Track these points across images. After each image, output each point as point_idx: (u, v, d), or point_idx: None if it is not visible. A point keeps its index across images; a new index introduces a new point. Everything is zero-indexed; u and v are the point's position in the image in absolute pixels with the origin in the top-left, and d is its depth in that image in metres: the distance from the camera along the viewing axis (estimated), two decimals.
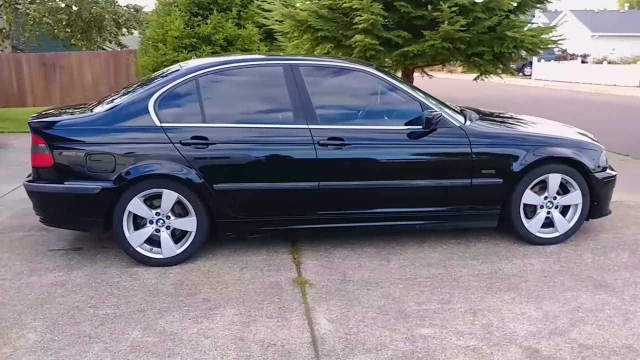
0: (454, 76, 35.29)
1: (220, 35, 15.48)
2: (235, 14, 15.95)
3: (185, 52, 15.24)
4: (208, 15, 16.01)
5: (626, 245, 4.23)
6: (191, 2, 15.96)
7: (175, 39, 15.60)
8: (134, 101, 3.88)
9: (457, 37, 6.82)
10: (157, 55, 15.48)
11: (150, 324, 3.13)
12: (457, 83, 27.04)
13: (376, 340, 2.92)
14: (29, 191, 3.92)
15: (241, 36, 15.57)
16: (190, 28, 15.73)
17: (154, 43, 15.57)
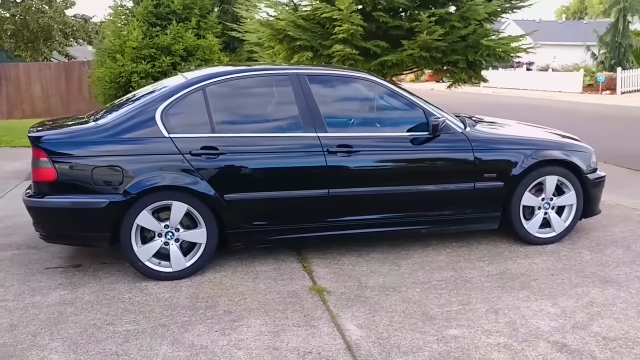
0: (405, 85, 36.01)
1: (181, 46, 15.27)
2: (195, 25, 15.81)
3: (144, 63, 15.00)
4: (167, 26, 15.80)
5: (618, 242, 4.45)
6: (149, 12, 15.70)
7: (134, 50, 15.29)
8: (141, 112, 3.80)
9: (434, 46, 7.02)
10: (115, 66, 15.08)
11: (177, 338, 3.06)
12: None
13: (410, 344, 2.96)
14: (30, 207, 3.77)
15: (201, 47, 15.44)
16: (149, 39, 15.50)
17: (111, 54, 15.21)
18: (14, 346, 3.01)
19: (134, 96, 4.38)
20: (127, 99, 4.33)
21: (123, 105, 4.10)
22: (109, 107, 4.38)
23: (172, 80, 4.30)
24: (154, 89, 4.30)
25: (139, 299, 3.56)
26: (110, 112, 4.08)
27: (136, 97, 4.21)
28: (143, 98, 4.06)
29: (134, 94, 4.53)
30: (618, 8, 26.26)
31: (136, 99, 4.13)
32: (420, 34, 6.89)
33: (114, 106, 4.28)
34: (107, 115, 3.99)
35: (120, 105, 4.20)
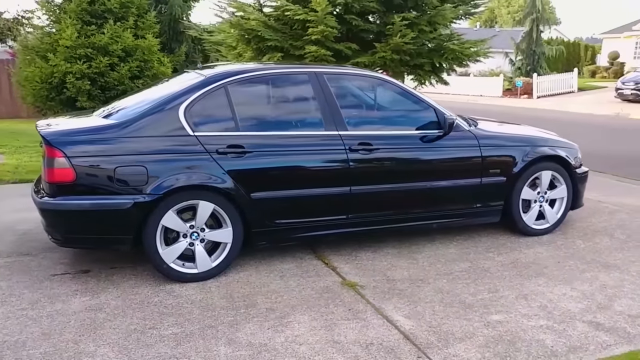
0: None
1: (118, 46, 14.67)
2: (132, 24, 15.25)
3: (80, 62, 14.27)
4: (103, 24, 15.12)
5: (601, 231, 4.84)
6: (83, 9, 14.96)
7: (67, 49, 14.53)
8: (161, 109, 3.69)
9: (405, 49, 7.25)
10: (46, 66, 14.27)
11: (230, 338, 3.02)
12: None
13: (461, 330, 3.10)
14: (45, 209, 3.56)
15: (140, 47, 14.93)
16: (84, 37, 14.76)
17: (40, 52, 14.37)
18: (59, 354, 2.85)
19: (140, 93, 4.24)
20: (135, 96, 4.18)
21: (134, 103, 3.96)
22: (115, 103, 4.20)
23: (184, 77, 4.20)
24: (165, 85, 4.19)
25: (170, 302, 3.47)
26: (122, 109, 3.93)
27: (146, 94, 4.08)
28: (156, 94, 3.94)
29: (138, 91, 4.39)
30: (531, 18, 28.10)
31: (148, 95, 4.01)
32: (393, 36, 7.10)
33: (121, 103, 4.12)
34: (120, 112, 3.84)
35: (129, 102, 4.04)
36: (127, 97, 4.38)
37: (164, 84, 4.39)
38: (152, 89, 4.30)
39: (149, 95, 4.05)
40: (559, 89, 26.10)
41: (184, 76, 4.24)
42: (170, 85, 4.15)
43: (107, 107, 4.20)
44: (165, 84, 4.29)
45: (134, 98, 4.18)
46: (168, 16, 16.74)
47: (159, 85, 4.41)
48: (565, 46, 33.60)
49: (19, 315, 3.28)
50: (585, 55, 39.38)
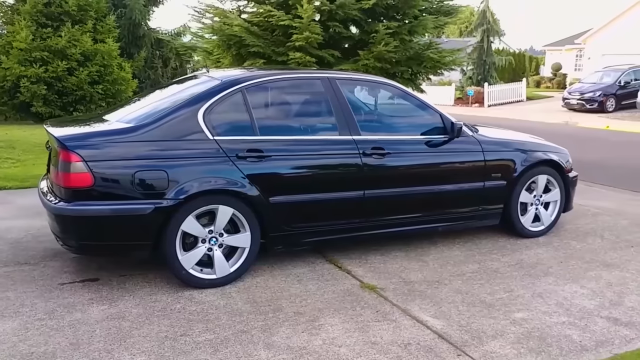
0: None
1: (77, 50, 14.26)
2: (91, 27, 14.83)
3: (36, 66, 13.75)
4: (59, 27, 14.62)
5: (590, 233, 5.08)
6: (38, 11, 14.47)
7: (22, 52, 13.98)
8: (181, 113, 3.64)
9: (387, 57, 7.39)
10: None
11: (268, 342, 3.00)
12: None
13: (490, 328, 3.20)
14: (61, 215, 3.43)
15: (100, 51, 14.52)
16: (40, 40, 14.23)
17: None
18: None
19: (149, 96, 4.16)
20: (144, 100, 4.10)
21: (147, 106, 3.88)
22: (125, 106, 4.11)
23: (194, 81, 4.15)
24: (175, 88, 4.13)
25: (194, 308, 3.41)
26: (135, 112, 3.86)
27: (157, 98, 4.01)
28: (170, 98, 3.89)
29: (144, 94, 4.30)
30: (482, 29, 29.09)
31: (160, 99, 3.94)
32: (377, 44, 7.23)
33: (132, 106, 4.03)
34: (136, 115, 3.76)
35: (141, 105, 3.96)
36: (135, 101, 4.29)
37: (172, 87, 4.32)
38: (161, 92, 4.23)
39: (161, 98, 3.99)
40: (509, 98, 27.10)
41: (194, 80, 4.18)
42: (181, 88, 4.10)
43: (116, 110, 4.10)
44: (175, 88, 4.23)
45: (144, 101, 4.10)
46: (127, 20, 16.40)
47: (167, 88, 4.34)
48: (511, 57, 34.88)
49: (38, 325, 3.15)
50: (530, 66, 41.08)
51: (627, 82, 22.37)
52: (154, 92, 4.38)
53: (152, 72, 16.43)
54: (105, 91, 14.49)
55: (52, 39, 14.18)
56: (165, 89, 4.37)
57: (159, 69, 16.57)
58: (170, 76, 16.98)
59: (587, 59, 31.59)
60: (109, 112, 4.13)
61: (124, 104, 4.29)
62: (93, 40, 14.59)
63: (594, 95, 21.96)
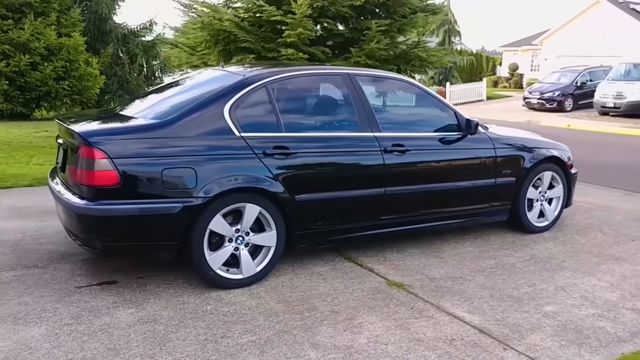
0: None
1: (41, 43, 13.72)
2: (55, 20, 14.29)
3: None
4: (21, 19, 14.02)
5: (590, 227, 5.24)
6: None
7: None
8: (206, 109, 3.54)
9: (378, 55, 7.42)
10: None
11: (313, 342, 2.96)
12: None
13: (526, 322, 3.25)
14: (85, 215, 3.28)
15: (65, 45, 14.01)
16: (0, 32, 13.61)
17: None
18: None
19: (165, 92, 4.05)
20: (161, 95, 3.97)
21: (167, 101, 3.77)
22: (139, 102, 3.97)
23: (212, 75, 4.06)
24: (192, 83, 4.04)
25: (226, 309, 3.33)
26: (154, 107, 3.75)
27: (176, 92, 3.91)
28: (191, 93, 3.80)
29: (157, 90, 4.17)
30: (444, 29, 29.63)
31: (179, 94, 3.84)
32: (369, 42, 7.24)
33: (149, 101, 3.91)
34: (157, 110, 3.65)
35: (159, 100, 3.85)
36: (146, 96, 4.16)
37: (186, 82, 4.21)
38: (176, 88, 4.12)
39: (179, 94, 3.89)
40: (470, 97, 27.66)
41: (210, 75, 4.09)
42: (198, 84, 4.00)
43: (130, 105, 3.97)
44: (190, 83, 4.12)
45: (159, 97, 3.99)
46: (93, 14, 15.89)
47: (182, 84, 4.22)
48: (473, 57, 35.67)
49: (68, 331, 3.01)
50: (487, 66, 42.05)
51: (584, 82, 23.19)
52: (166, 88, 4.25)
53: (119, 69, 15.97)
54: (72, 87, 14.01)
55: (13, 32, 13.59)
56: (179, 84, 4.26)
57: (127, 66, 16.11)
58: (137, 73, 16.55)
59: (543, 59, 32.59)
60: (123, 107, 3.99)
61: (135, 99, 4.15)
62: (57, 34, 14.06)
63: (553, 95, 22.69)
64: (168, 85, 4.38)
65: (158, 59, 18.04)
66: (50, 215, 5.17)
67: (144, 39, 17.58)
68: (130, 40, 17.12)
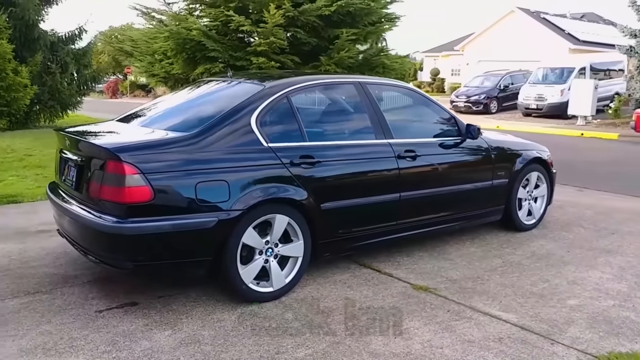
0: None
1: None
2: None
3: None
4: None
5: (571, 224, 5.55)
6: None
7: None
8: (234, 120, 3.45)
9: (346, 63, 7.49)
10: None
11: (370, 351, 2.95)
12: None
13: (558, 316, 3.40)
14: (116, 235, 3.09)
15: None
16: None
17: None
18: None
19: (178, 103, 3.92)
20: (173, 106, 3.84)
21: (185, 112, 3.65)
22: (151, 114, 3.81)
23: (228, 85, 3.97)
24: (205, 93, 3.92)
25: (267, 324, 3.24)
26: (173, 118, 3.62)
27: (191, 103, 3.80)
28: (209, 104, 3.70)
29: (164, 100, 4.02)
30: None
31: (197, 105, 3.74)
32: (337, 51, 7.30)
33: (160, 113, 3.77)
34: (179, 122, 3.53)
35: (174, 112, 3.71)
36: (153, 108, 4.00)
37: (194, 92, 4.09)
38: (186, 98, 4.00)
39: (197, 104, 3.79)
40: None
41: (224, 84, 3.99)
42: (213, 93, 3.91)
43: (135, 117, 3.80)
44: (201, 92, 4.01)
45: (173, 108, 3.86)
46: (19, 21, 14.88)
47: (190, 94, 4.09)
48: None
49: (110, 358, 2.82)
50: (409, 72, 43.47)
51: (506, 85, 24.53)
52: (174, 97, 4.11)
53: (50, 78, 15.06)
54: None
55: None
56: (185, 95, 4.12)
57: (58, 75, 15.23)
58: (69, 82, 15.70)
59: (465, 64, 34.13)
60: (125, 118, 3.83)
61: (133, 111, 3.99)
62: None
63: (479, 98, 23.85)
64: (171, 96, 4.22)
65: (90, 68, 17.22)
66: (27, 236, 4.86)
67: (73, 46, 16.71)
68: (60, 48, 16.21)
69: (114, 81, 47.11)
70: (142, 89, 47.97)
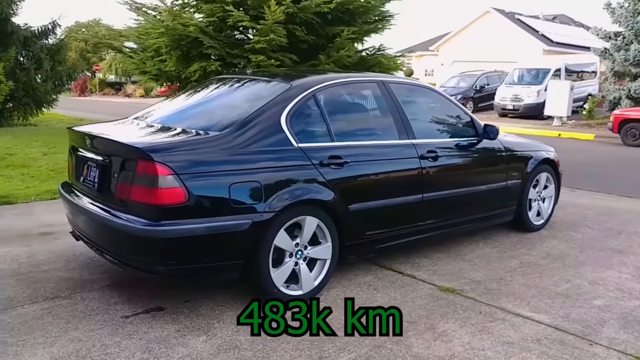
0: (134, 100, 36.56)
1: None
2: None
3: None
4: None
5: (576, 224, 5.63)
6: None
7: None
8: (263, 119, 3.37)
9: (345, 61, 7.45)
10: None
11: (414, 354, 2.92)
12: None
13: (589, 317, 3.42)
14: (146, 237, 2.97)
15: None
16: None
17: None
18: None
19: (197, 102, 3.83)
20: (191, 104, 3.77)
21: (210, 112, 3.57)
22: (170, 111, 3.72)
23: (242, 83, 3.90)
24: (223, 92, 3.86)
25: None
26: (195, 117, 3.54)
27: (212, 102, 3.73)
28: (232, 102, 3.65)
29: (178, 99, 3.94)
30: None
31: (219, 103, 3.68)
32: (337, 49, 7.25)
33: (178, 111, 3.69)
34: (200, 121, 3.46)
35: (197, 111, 3.63)
36: (171, 105, 3.91)
37: (214, 90, 4.00)
38: (208, 96, 3.91)
39: (221, 103, 3.70)
40: None
41: (244, 82, 3.91)
42: (234, 91, 3.83)
43: (160, 116, 3.69)
44: (221, 90, 3.93)
45: (195, 106, 3.76)
46: None
47: (213, 91, 4.00)
48: None
49: None
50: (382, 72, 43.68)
51: (482, 86, 24.83)
52: (191, 96, 4.00)
53: (24, 74, 14.61)
54: None
55: None
56: (204, 93, 4.02)
57: (32, 71, 14.78)
58: (44, 79, 15.25)
59: (440, 65, 34.44)
60: (142, 116, 3.73)
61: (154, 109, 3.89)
62: None
63: (455, 99, 24.01)
64: (188, 95, 4.11)
65: (65, 64, 16.76)
66: (31, 239, 4.68)
67: (47, 42, 16.23)
68: (33, 43, 15.72)
69: (83, 79, 46.01)
70: (111, 87, 47.02)
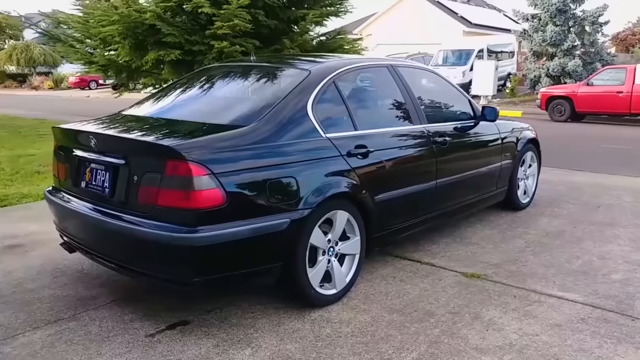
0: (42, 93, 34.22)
1: None
2: None
3: None
4: None
5: (557, 200, 5.78)
6: None
7: None
8: (290, 109, 3.13)
9: (309, 46, 7.21)
10: None
11: (474, 346, 2.83)
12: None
13: (617, 292, 3.47)
14: (180, 246, 2.66)
15: None
16: None
17: None
18: None
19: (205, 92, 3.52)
20: (198, 95, 3.48)
21: (226, 104, 3.28)
22: (182, 105, 3.37)
23: (250, 70, 3.64)
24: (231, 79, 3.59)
25: (345, 329, 3.00)
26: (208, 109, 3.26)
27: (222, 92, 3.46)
28: (248, 93, 3.37)
29: (179, 89, 3.62)
30: None
31: (233, 94, 3.40)
32: (304, 33, 7.00)
33: (185, 103, 3.38)
34: (229, 113, 3.18)
35: (209, 103, 3.33)
36: (176, 97, 3.56)
37: (226, 78, 3.71)
38: (220, 86, 3.61)
39: (237, 94, 3.46)
40: None
41: (253, 69, 3.64)
42: (251, 80, 3.55)
43: (168, 108, 3.36)
44: (235, 79, 3.64)
45: (204, 97, 3.46)
46: None
47: (221, 80, 3.70)
48: None
49: None
50: None
51: None
52: (196, 85, 3.68)
53: None
54: None
55: None
56: (217, 81, 3.72)
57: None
58: None
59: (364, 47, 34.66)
60: (143, 110, 3.40)
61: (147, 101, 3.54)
62: None
63: None
64: (186, 85, 3.77)
65: None
66: None
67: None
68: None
69: None
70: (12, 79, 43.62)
